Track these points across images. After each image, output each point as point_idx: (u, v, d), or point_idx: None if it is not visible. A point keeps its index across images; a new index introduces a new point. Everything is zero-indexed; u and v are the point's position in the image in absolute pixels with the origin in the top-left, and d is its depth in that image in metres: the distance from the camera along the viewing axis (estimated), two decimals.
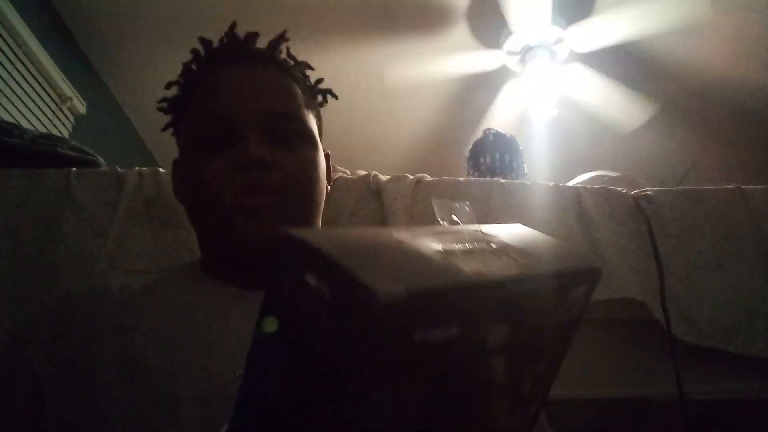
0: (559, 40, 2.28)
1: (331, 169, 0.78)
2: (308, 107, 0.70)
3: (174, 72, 0.72)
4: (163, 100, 0.74)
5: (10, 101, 1.72)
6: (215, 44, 0.70)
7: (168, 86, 0.72)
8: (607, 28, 2.20)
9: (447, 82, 2.53)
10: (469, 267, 0.27)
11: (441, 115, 2.76)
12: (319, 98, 0.76)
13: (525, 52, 2.34)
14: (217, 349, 0.55)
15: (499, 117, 2.58)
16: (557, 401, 1.03)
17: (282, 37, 0.72)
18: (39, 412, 0.53)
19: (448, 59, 2.37)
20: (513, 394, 0.32)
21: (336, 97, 0.77)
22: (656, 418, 1.09)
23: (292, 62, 0.73)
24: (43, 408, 0.53)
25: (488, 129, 1.66)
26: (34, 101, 1.85)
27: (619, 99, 2.44)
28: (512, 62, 2.40)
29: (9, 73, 1.72)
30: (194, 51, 0.70)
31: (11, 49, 1.74)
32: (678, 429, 1.02)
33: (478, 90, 2.58)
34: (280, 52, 0.72)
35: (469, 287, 0.26)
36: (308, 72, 0.75)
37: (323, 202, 0.70)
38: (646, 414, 1.11)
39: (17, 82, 1.76)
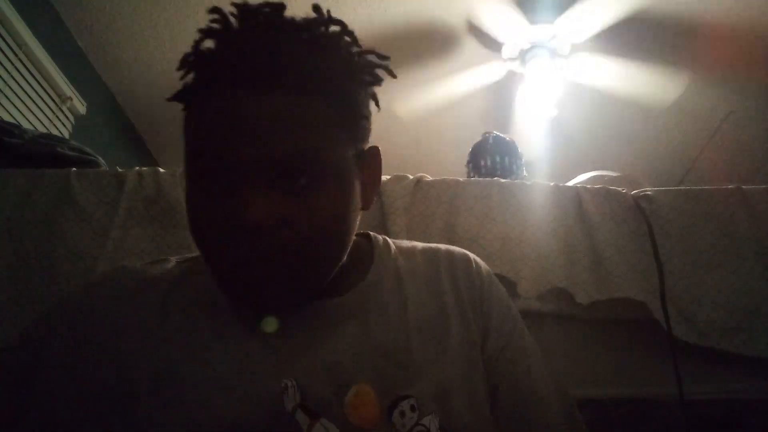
0: (553, 36, 2.28)
1: (380, 166, 0.64)
2: (341, 128, 0.54)
3: (176, 73, 0.68)
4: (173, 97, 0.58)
5: (10, 101, 1.72)
6: (217, 52, 0.54)
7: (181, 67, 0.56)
8: (597, 9, 2.14)
9: (464, 98, 2.56)
10: None
11: (467, 131, 2.77)
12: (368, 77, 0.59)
13: (523, 55, 2.35)
14: (258, 366, 0.52)
15: (525, 121, 2.60)
16: None
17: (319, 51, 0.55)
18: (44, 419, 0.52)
19: (454, 79, 2.43)
20: None
21: (394, 76, 0.60)
22: (656, 418, 1.09)
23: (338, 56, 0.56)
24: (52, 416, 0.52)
25: (488, 132, 1.66)
26: (34, 101, 1.85)
27: (643, 75, 2.35)
28: (515, 67, 2.42)
29: (9, 73, 1.72)
30: (196, 51, 0.56)
31: (11, 49, 1.74)
32: (678, 429, 1.02)
33: (494, 98, 2.60)
34: (314, 65, 0.53)
35: None
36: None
37: (352, 240, 0.59)
38: (646, 414, 1.11)
39: (17, 82, 1.76)
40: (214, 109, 0.51)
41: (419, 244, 0.71)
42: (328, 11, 0.57)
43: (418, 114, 2.59)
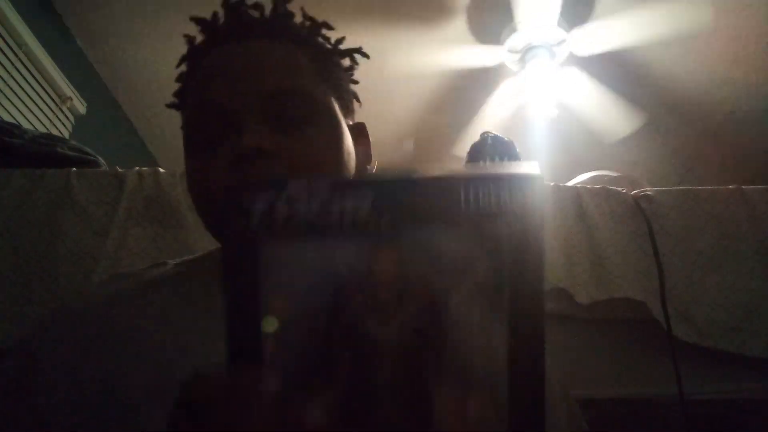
0: (561, 42, 2.28)
1: (369, 143, 0.67)
2: (322, 78, 0.59)
3: (176, 71, 0.69)
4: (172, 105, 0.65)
5: (10, 101, 1.72)
6: (208, 23, 0.61)
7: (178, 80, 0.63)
8: (609, 34, 2.20)
9: (444, 75, 2.52)
10: None
11: (435, 109, 2.76)
12: (347, 62, 0.65)
13: (526, 51, 2.34)
14: None
15: (496, 116, 2.59)
16: None
17: (282, 2, 0.61)
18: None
19: (447, 52, 2.38)
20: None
21: (367, 56, 0.66)
22: (656, 418, 1.09)
23: (302, 27, 0.62)
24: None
25: (486, 132, 1.66)
26: (34, 101, 1.85)
27: (610, 107, 2.47)
28: (512, 60, 2.40)
29: (9, 73, 1.72)
30: (188, 36, 0.62)
31: (11, 49, 1.74)
32: (678, 429, 1.02)
33: (473, 86, 2.58)
34: (286, 19, 0.61)
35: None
36: (329, 33, 0.64)
37: None
38: (646, 414, 1.11)
39: (17, 82, 1.76)
40: (214, 61, 0.57)
41: None
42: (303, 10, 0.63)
43: (401, 72, 2.54)
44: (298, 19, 0.63)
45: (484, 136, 1.65)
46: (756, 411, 1.08)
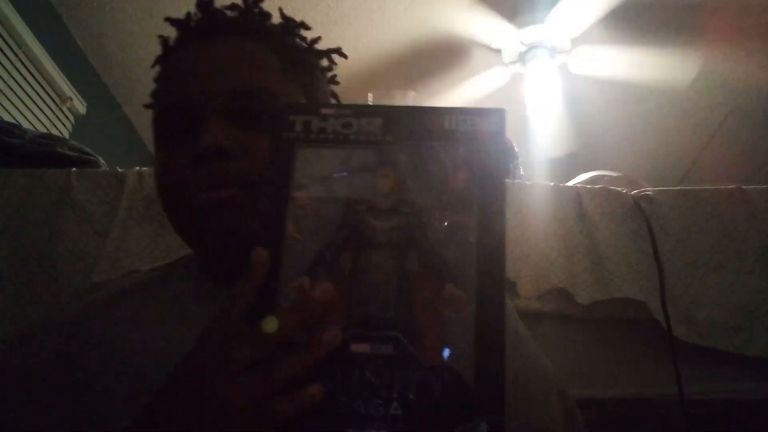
0: (561, 42, 2.28)
1: None
2: (290, 77, 0.58)
3: None
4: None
5: (10, 101, 1.72)
6: (181, 23, 0.62)
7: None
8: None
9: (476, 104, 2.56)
10: None
11: None
12: (324, 62, 0.65)
13: (526, 51, 2.35)
14: None
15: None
16: None
17: (255, 2, 0.62)
18: None
19: (464, 88, 2.48)
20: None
21: (345, 56, 0.66)
22: (656, 418, 1.09)
23: (276, 27, 0.62)
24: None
25: None
26: (34, 101, 1.85)
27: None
28: (511, 60, 2.42)
29: (9, 73, 1.72)
30: (162, 37, 0.63)
31: (11, 49, 1.74)
32: (678, 429, 1.02)
33: (473, 88, 2.59)
34: (258, 18, 0.62)
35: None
36: (305, 33, 0.64)
37: None
38: (646, 414, 1.11)
39: (17, 82, 1.76)
40: (182, 59, 0.58)
41: None
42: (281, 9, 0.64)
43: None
44: (277, 19, 0.63)
45: None
46: (756, 411, 1.08)
